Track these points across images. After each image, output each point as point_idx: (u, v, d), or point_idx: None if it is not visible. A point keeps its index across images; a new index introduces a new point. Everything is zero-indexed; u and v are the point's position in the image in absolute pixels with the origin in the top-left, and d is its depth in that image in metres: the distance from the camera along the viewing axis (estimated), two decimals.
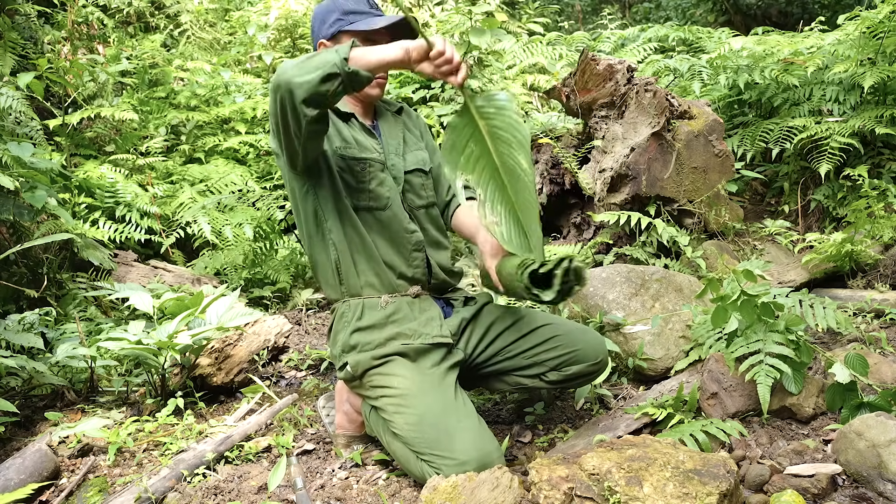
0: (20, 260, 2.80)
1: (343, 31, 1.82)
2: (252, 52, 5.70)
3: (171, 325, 2.16)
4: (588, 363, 1.84)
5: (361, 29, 1.80)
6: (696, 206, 3.11)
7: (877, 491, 1.48)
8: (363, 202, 1.83)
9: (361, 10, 1.84)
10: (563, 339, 1.84)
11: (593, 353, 1.84)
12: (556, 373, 1.85)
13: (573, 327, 1.90)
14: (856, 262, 2.81)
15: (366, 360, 1.78)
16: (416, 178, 1.95)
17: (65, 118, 3.91)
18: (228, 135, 4.65)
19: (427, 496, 1.44)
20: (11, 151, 2.63)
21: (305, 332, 3.12)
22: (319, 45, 1.87)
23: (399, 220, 1.86)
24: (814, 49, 3.80)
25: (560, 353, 1.84)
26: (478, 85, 4.79)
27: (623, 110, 3.25)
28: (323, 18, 1.86)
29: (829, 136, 3.18)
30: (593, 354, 1.84)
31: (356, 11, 1.83)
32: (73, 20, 4.83)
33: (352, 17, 1.82)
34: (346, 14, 1.82)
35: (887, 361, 1.99)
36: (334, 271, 1.86)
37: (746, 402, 1.89)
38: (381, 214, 1.85)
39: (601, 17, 7.81)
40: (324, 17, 1.86)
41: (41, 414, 2.18)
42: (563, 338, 1.85)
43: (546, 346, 1.86)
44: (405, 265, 1.87)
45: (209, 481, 1.74)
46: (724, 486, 1.32)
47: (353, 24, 1.81)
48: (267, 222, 3.69)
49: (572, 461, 1.46)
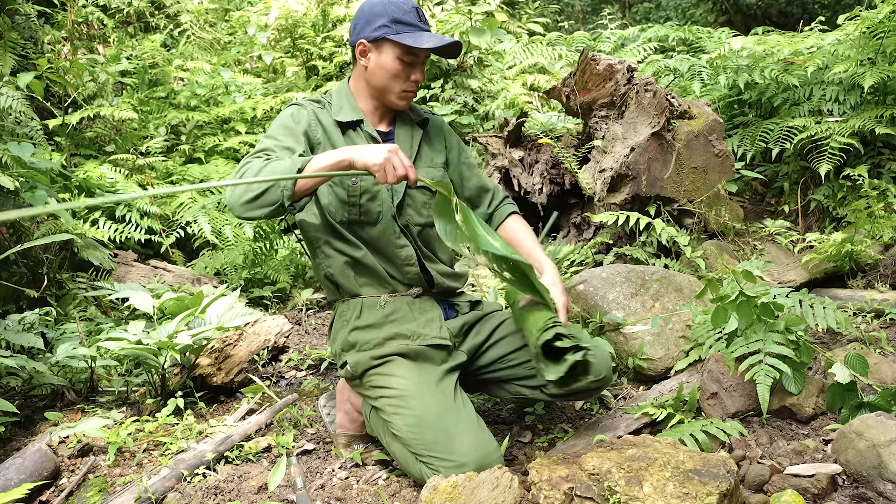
0: (20, 260, 2.80)
1: (388, 38, 1.78)
2: (252, 52, 5.70)
3: (171, 325, 2.16)
4: (591, 380, 1.73)
5: (407, 43, 1.76)
6: (696, 206, 3.11)
7: (877, 491, 1.48)
8: (353, 216, 1.82)
9: (410, 22, 1.79)
10: None
11: (597, 369, 1.74)
12: (558, 387, 1.77)
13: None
14: (856, 262, 2.81)
15: (365, 359, 1.78)
16: (420, 194, 1.90)
17: (65, 118, 3.91)
18: (228, 135, 4.65)
19: (427, 496, 1.44)
20: (11, 151, 2.63)
21: (305, 332, 3.12)
22: (358, 45, 1.83)
23: (388, 235, 1.84)
24: (814, 49, 3.80)
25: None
26: (477, 85, 4.79)
27: (623, 110, 3.25)
28: (369, 19, 1.81)
29: (829, 136, 3.18)
30: (596, 371, 1.73)
31: (405, 22, 1.79)
32: (73, 20, 4.83)
33: (399, 27, 1.78)
34: (394, 22, 1.78)
35: (887, 361, 1.99)
36: (329, 276, 1.88)
37: (746, 402, 1.89)
38: (371, 229, 1.83)
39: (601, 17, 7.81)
40: (370, 18, 1.80)
41: (41, 414, 2.18)
42: None
43: None
44: (399, 275, 1.87)
45: (209, 481, 1.74)
46: (724, 486, 1.32)
47: (399, 34, 1.77)
48: (267, 222, 3.69)
49: (572, 461, 1.46)
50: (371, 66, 1.83)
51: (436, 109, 4.57)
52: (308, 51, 5.74)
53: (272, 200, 1.58)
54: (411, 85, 1.84)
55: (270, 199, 1.58)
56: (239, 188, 1.60)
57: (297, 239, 2.03)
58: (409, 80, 1.83)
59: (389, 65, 1.80)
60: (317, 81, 5.54)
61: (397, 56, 1.79)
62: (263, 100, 4.70)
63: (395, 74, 1.81)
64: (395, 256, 1.86)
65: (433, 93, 4.80)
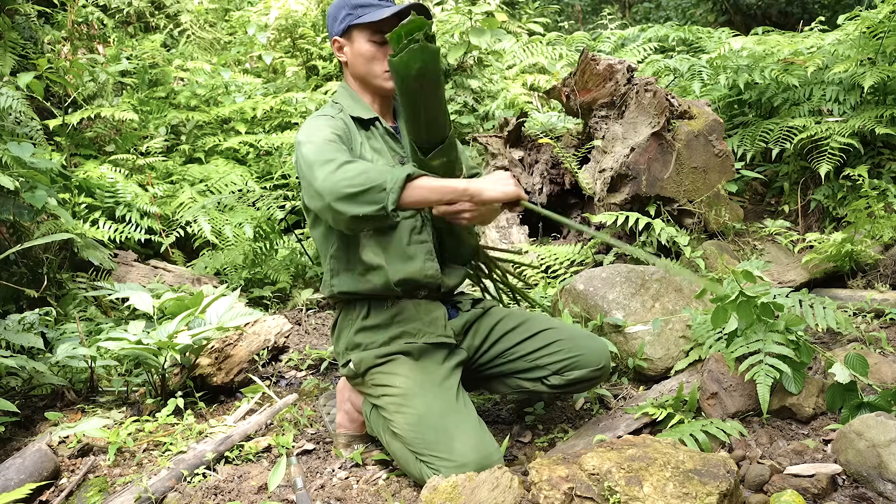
0: (20, 260, 2.80)
1: (353, 25, 1.81)
2: (252, 52, 5.70)
3: (171, 325, 2.17)
4: (590, 369, 1.82)
5: (369, 21, 1.79)
6: (696, 206, 3.11)
7: (877, 491, 1.48)
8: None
9: (369, 3, 1.82)
10: (566, 343, 1.84)
11: (595, 358, 1.83)
12: (558, 377, 1.84)
13: (577, 332, 1.89)
14: (856, 262, 2.80)
15: (369, 358, 1.78)
16: None
17: (65, 118, 3.91)
18: (228, 135, 4.65)
19: (427, 496, 1.44)
20: (11, 151, 2.63)
21: (305, 332, 3.12)
22: (334, 42, 1.88)
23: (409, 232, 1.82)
24: (814, 49, 3.80)
25: (562, 357, 1.83)
26: (477, 85, 4.79)
27: (623, 110, 3.25)
28: (335, 15, 1.85)
29: (829, 136, 3.18)
30: (595, 360, 1.83)
31: (364, 5, 1.82)
32: (73, 20, 4.83)
33: (360, 10, 1.81)
34: (354, 8, 1.82)
35: (887, 361, 1.99)
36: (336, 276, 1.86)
37: (746, 402, 1.89)
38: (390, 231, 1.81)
39: (601, 17, 7.81)
40: (335, 14, 1.85)
41: (41, 414, 2.18)
42: (566, 342, 1.84)
43: (549, 349, 1.85)
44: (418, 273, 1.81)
45: (209, 481, 1.74)
46: (724, 486, 1.32)
47: (360, 17, 1.80)
48: (267, 222, 3.68)
49: (572, 461, 1.46)
50: (350, 59, 1.86)
51: None
52: (308, 51, 5.74)
53: (376, 200, 1.52)
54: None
55: (374, 199, 1.52)
56: (340, 182, 1.54)
57: (297, 239, 2.03)
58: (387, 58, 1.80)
59: (364, 49, 1.82)
60: (317, 81, 5.54)
61: (367, 39, 1.82)
62: (263, 100, 4.70)
63: (370, 57, 1.82)
64: (416, 252, 1.82)
65: None
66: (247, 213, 3.75)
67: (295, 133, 4.40)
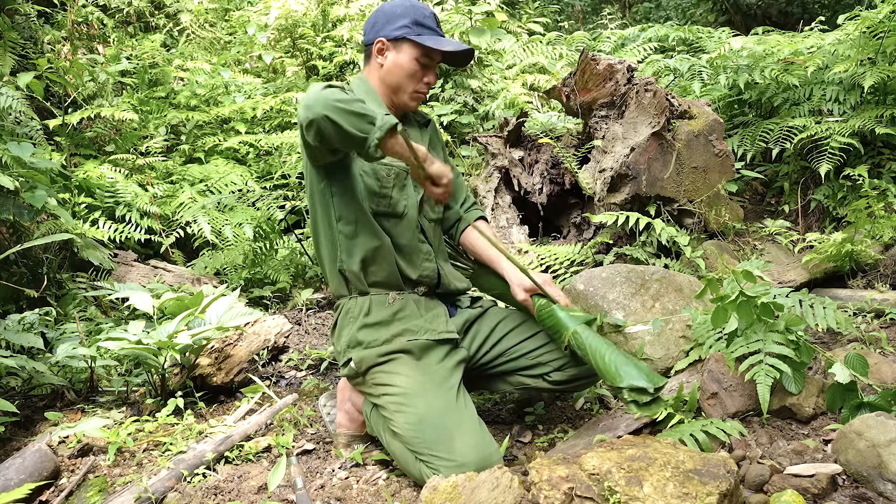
0: (20, 260, 2.80)
1: (408, 39, 1.83)
2: (252, 51, 5.70)
3: (171, 325, 2.16)
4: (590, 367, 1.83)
5: (428, 45, 1.82)
6: (696, 206, 3.11)
7: (877, 491, 1.48)
8: (382, 208, 1.83)
9: (430, 26, 1.86)
10: None
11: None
12: (560, 373, 1.87)
13: None
14: (856, 262, 2.80)
15: (371, 356, 1.79)
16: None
17: (65, 118, 3.91)
18: (228, 135, 4.65)
19: (427, 496, 1.44)
20: (11, 151, 2.63)
21: (305, 332, 3.12)
22: (377, 42, 1.87)
23: (413, 230, 1.87)
24: (814, 49, 3.80)
25: (564, 353, 1.85)
26: (477, 85, 4.79)
27: (623, 110, 3.25)
28: (390, 19, 1.86)
29: (829, 135, 3.18)
30: None
31: (425, 25, 1.85)
32: (73, 20, 4.83)
33: (420, 29, 1.84)
34: (415, 24, 1.84)
35: (887, 361, 1.99)
36: (342, 270, 1.86)
37: (746, 402, 1.89)
38: (398, 222, 1.85)
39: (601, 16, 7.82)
40: (391, 18, 1.86)
41: (41, 414, 2.18)
42: None
43: (550, 346, 1.88)
44: (415, 273, 1.88)
45: (209, 481, 1.74)
46: (724, 485, 1.32)
47: (419, 36, 1.83)
48: (267, 222, 3.68)
49: (572, 461, 1.45)
50: (388, 65, 1.87)
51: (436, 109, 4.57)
52: (308, 51, 5.74)
53: (364, 129, 1.51)
54: (424, 86, 1.90)
55: (363, 128, 1.52)
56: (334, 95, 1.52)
57: (297, 239, 2.04)
58: (423, 81, 1.89)
59: (407, 64, 1.84)
60: (316, 81, 5.53)
61: (415, 57, 1.84)
62: (263, 100, 4.70)
63: (411, 74, 1.86)
64: (416, 251, 1.88)
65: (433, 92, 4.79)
66: (247, 213, 3.75)
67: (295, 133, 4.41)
